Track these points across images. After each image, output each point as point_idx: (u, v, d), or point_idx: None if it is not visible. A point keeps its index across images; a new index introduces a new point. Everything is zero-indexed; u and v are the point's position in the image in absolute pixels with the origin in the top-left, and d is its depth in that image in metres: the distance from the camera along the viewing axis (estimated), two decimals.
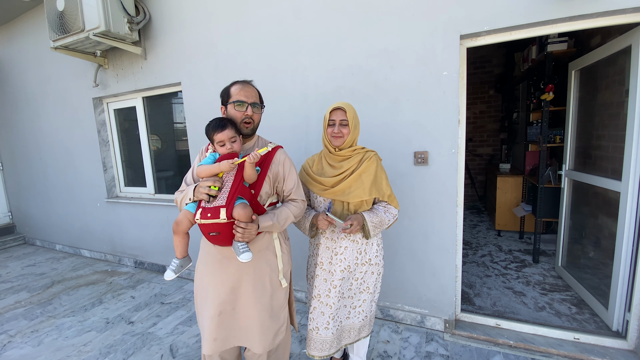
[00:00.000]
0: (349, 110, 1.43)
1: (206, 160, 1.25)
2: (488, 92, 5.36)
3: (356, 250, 1.50)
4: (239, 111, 1.29)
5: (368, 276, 1.55)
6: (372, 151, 1.54)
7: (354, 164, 1.46)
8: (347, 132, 1.43)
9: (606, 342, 1.89)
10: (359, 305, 1.56)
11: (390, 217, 1.50)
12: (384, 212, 1.49)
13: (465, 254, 3.36)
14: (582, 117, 2.49)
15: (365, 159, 1.48)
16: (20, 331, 2.36)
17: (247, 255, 1.18)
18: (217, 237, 1.21)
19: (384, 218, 1.47)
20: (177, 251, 1.30)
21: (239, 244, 1.20)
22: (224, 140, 1.22)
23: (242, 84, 1.33)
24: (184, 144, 3.17)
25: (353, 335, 1.59)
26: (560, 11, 1.62)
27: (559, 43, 2.91)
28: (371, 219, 1.44)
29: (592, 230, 2.32)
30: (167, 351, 2.05)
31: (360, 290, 1.55)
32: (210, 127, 1.23)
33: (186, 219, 1.23)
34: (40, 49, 3.60)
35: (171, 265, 1.28)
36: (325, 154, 1.54)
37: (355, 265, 1.50)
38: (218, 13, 2.54)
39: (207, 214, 1.15)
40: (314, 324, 1.52)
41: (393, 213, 1.52)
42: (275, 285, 1.38)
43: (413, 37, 1.94)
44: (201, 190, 1.18)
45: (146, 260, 3.47)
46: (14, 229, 4.78)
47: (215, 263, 1.33)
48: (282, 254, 1.41)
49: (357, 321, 1.57)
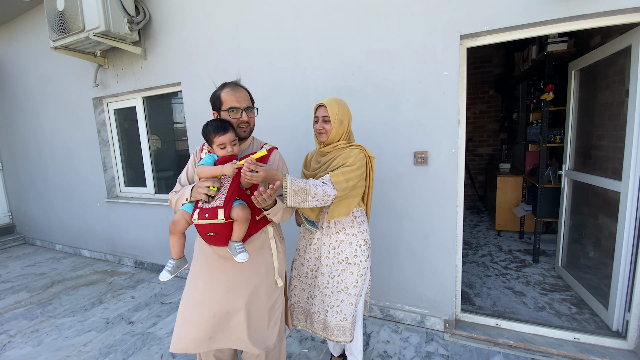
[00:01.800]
0: (331, 106, 1.43)
1: (205, 161, 1.24)
2: (488, 92, 5.36)
3: (328, 245, 1.51)
4: (234, 118, 1.28)
5: (346, 275, 1.50)
6: (357, 146, 1.46)
7: (332, 158, 1.46)
8: (330, 128, 1.44)
9: (606, 342, 1.89)
10: (337, 305, 1.50)
11: (320, 193, 1.28)
12: (314, 184, 1.28)
13: (465, 254, 3.36)
14: (582, 117, 2.49)
15: (342, 154, 1.43)
16: (20, 331, 2.36)
17: (244, 255, 1.18)
18: (214, 237, 1.21)
19: (309, 188, 1.26)
20: (173, 252, 1.29)
21: (235, 244, 1.20)
22: (225, 143, 1.21)
23: (232, 87, 1.31)
24: (184, 144, 3.17)
25: (336, 334, 1.52)
26: (560, 11, 1.62)
27: (559, 43, 2.91)
28: (293, 181, 1.24)
29: (592, 230, 2.32)
30: (167, 351, 2.05)
31: (337, 289, 1.50)
32: (211, 129, 1.21)
33: (183, 219, 1.22)
34: (40, 49, 3.60)
35: (167, 266, 1.27)
36: (316, 149, 1.60)
37: (326, 258, 1.52)
38: (218, 13, 2.54)
39: (204, 214, 1.15)
40: (296, 299, 1.64)
41: (327, 192, 1.30)
42: (271, 285, 1.38)
43: (413, 37, 1.94)
44: (200, 190, 1.17)
45: (146, 260, 3.47)
46: (14, 229, 4.79)
47: (212, 263, 1.32)
48: (277, 253, 1.42)
49: (334, 321, 1.50)
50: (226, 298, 1.29)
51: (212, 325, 1.28)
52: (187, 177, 1.37)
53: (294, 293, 1.65)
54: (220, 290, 1.30)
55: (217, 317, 1.28)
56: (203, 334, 1.27)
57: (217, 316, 1.28)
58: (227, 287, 1.30)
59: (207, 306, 1.28)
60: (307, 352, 1.99)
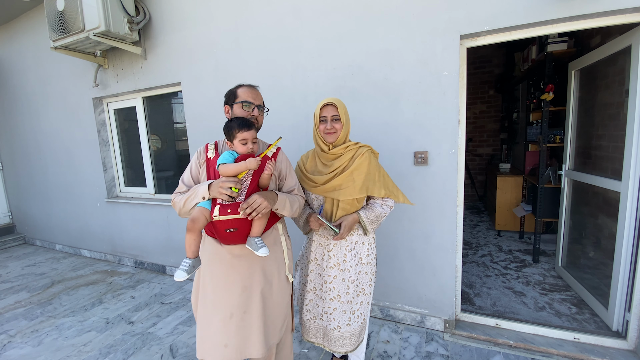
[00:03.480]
0: (340, 105, 1.42)
1: (225, 159, 1.24)
2: (488, 92, 5.36)
3: (344, 248, 1.49)
4: (246, 111, 1.32)
5: (362, 277, 1.52)
6: (365, 146, 1.50)
7: (346, 161, 1.44)
8: (340, 127, 1.42)
9: (606, 342, 1.89)
10: (357, 309, 1.52)
11: (387, 209, 1.50)
12: (380, 206, 1.49)
13: (465, 254, 3.35)
14: (582, 117, 2.49)
15: (357, 156, 1.45)
16: (20, 331, 2.36)
17: (265, 249, 1.21)
18: (233, 234, 1.23)
19: (380, 212, 1.47)
20: (189, 251, 1.24)
21: (255, 239, 1.22)
22: (248, 139, 1.25)
23: (249, 86, 1.37)
24: (184, 144, 3.17)
25: (354, 341, 1.53)
26: (560, 11, 1.62)
27: (559, 43, 2.91)
28: (367, 215, 1.44)
29: (592, 230, 2.32)
30: (167, 351, 2.05)
31: (357, 292, 1.51)
32: (236, 125, 1.24)
33: (203, 216, 1.20)
34: (40, 49, 3.60)
35: (182, 265, 1.22)
36: (318, 152, 1.52)
37: (343, 262, 1.49)
38: (218, 13, 2.54)
39: (226, 210, 1.18)
40: (311, 315, 1.57)
41: (390, 205, 1.51)
42: (283, 282, 1.42)
43: (413, 37, 1.94)
44: (222, 190, 1.18)
45: (146, 260, 3.47)
46: (14, 229, 4.79)
47: (225, 263, 1.32)
48: (287, 250, 1.46)
49: (356, 326, 1.53)
50: (242, 297, 1.31)
51: (230, 326, 1.29)
52: (191, 177, 1.38)
53: (308, 308, 1.57)
54: (237, 290, 1.31)
55: (235, 317, 1.30)
56: (220, 338, 1.28)
57: (235, 317, 1.30)
58: (242, 286, 1.31)
59: (226, 307, 1.30)
60: (307, 352, 1.99)
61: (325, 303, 1.51)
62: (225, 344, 1.28)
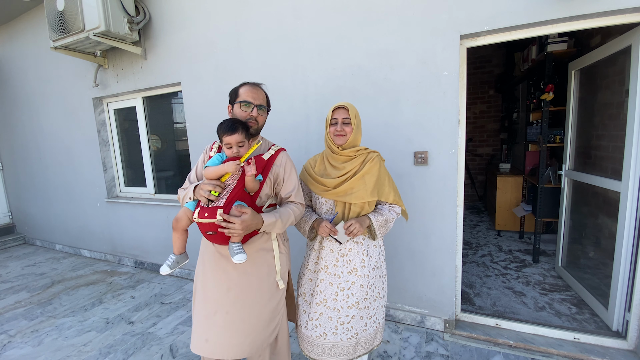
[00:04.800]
0: (352, 109, 1.43)
1: (213, 161, 1.25)
2: (488, 92, 5.36)
3: (362, 252, 1.46)
4: (245, 111, 1.31)
5: (377, 281, 1.52)
6: (374, 152, 1.52)
7: (357, 165, 1.45)
8: (350, 130, 1.42)
9: (606, 342, 1.89)
10: (374, 314, 1.52)
11: (395, 215, 1.51)
12: (389, 211, 1.50)
13: (465, 254, 3.35)
14: (582, 117, 2.49)
15: (368, 160, 1.47)
16: (20, 331, 2.36)
17: (241, 256, 1.18)
18: (214, 236, 1.22)
19: (389, 217, 1.48)
20: (174, 247, 1.34)
21: (233, 245, 1.20)
22: (232, 143, 1.23)
23: (252, 85, 1.35)
24: (184, 144, 3.17)
25: (368, 345, 1.53)
26: (560, 11, 1.62)
27: (559, 43, 2.91)
28: (377, 219, 1.44)
29: (592, 230, 2.32)
30: (167, 351, 2.05)
31: (374, 297, 1.50)
32: (221, 128, 1.23)
33: (185, 216, 1.26)
34: (40, 49, 3.60)
35: (167, 260, 1.32)
36: (328, 154, 1.51)
37: (361, 267, 1.46)
38: (218, 13, 2.54)
39: (204, 213, 1.16)
40: (322, 330, 1.47)
41: (397, 211, 1.53)
42: (273, 287, 1.37)
43: (413, 37, 1.94)
44: (202, 193, 1.18)
45: (146, 260, 3.47)
46: (14, 229, 4.78)
47: (214, 261, 1.33)
48: (280, 255, 1.40)
49: (372, 330, 1.52)
50: (227, 298, 1.30)
51: (212, 323, 1.29)
52: (196, 174, 1.39)
53: (319, 323, 1.47)
54: (222, 289, 1.31)
55: (218, 315, 1.29)
56: (202, 333, 1.29)
57: (218, 315, 1.29)
58: (227, 287, 1.31)
59: (211, 304, 1.31)
60: None
61: (341, 313, 1.45)
62: (206, 338, 1.29)
